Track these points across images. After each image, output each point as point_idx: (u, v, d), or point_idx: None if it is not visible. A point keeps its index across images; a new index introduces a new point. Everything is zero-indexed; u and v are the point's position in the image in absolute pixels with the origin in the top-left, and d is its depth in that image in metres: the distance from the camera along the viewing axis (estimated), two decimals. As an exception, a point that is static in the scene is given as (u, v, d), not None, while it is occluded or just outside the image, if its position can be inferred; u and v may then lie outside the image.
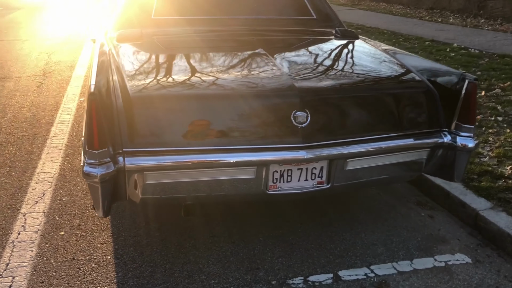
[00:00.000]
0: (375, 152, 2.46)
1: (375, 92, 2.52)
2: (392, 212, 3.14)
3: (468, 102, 2.53)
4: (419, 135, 2.57)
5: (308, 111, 2.30)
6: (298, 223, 2.97)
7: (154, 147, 2.21)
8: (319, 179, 2.44)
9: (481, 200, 3.03)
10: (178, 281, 2.42)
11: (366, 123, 2.47)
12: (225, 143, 2.26)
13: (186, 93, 2.28)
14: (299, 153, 2.29)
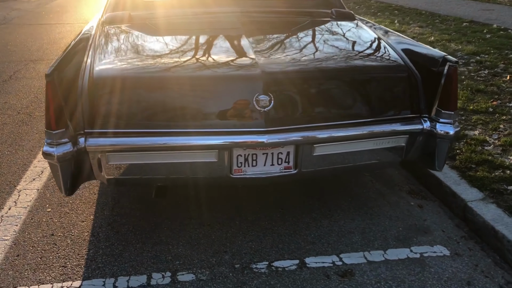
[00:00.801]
0: (345, 138, 2.38)
1: (350, 76, 2.41)
2: (380, 200, 3.05)
3: (448, 86, 2.39)
4: (395, 121, 2.46)
5: (271, 95, 2.25)
6: (278, 208, 2.94)
7: (116, 129, 2.24)
8: (286, 164, 2.40)
9: (473, 190, 2.88)
10: (144, 261, 2.47)
11: (337, 107, 2.39)
12: (187, 126, 2.26)
13: (149, 75, 2.29)
14: (260, 137, 2.25)
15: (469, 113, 4.01)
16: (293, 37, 2.84)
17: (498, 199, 2.76)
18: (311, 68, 2.39)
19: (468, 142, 3.41)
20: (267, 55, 2.47)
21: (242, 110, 2.27)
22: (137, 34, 2.83)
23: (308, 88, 2.34)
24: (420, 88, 2.49)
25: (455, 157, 3.27)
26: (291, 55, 2.49)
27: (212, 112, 2.27)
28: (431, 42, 6.54)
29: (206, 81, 2.28)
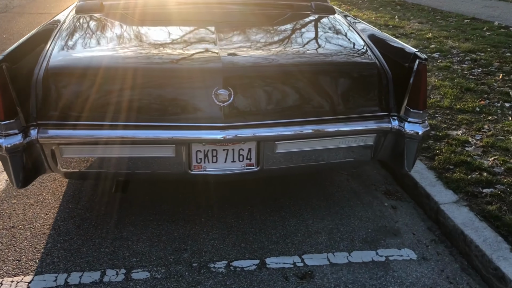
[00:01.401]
0: (308, 136, 2.30)
1: (316, 72, 2.32)
2: (353, 199, 2.96)
3: (417, 84, 2.30)
4: (363, 119, 2.37)
5: (231, 89, 2.18)
6: (248, 205, 2.87)
7: (70, 121, 2.18)
8: (248, 161, 2.33)
9: (448, 192, 2.79)
10: (100, 256, 2.41)
11: (301, 104, 2.30)
12: (144, 119, 2.19)
13: (106, 66, 2.21)
14: (218, 133, 2.18)
15: (455, 112, 3.91)
16: (264, 30, 2.75)
17: (471, 202, 2.67)
18: (276, 62, 2.30)
19: (449, 142, 3.31)
20: (232, 48, 2.38)
21: (200, 104, 2.19)
22: (104, 24, 2.76)
23: (271, 83, 2.26)
24: (390, 85, 2.40)
25: (434, 157, 3.18)
26: (258, 49, 2.41)
27: (170, 106, 2.19)
28: (429, 39, 6.41)
29: (165, 73, 2.21)
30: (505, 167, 2.96)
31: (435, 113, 3.88)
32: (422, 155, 3.23)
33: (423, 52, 2.19)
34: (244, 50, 2.37)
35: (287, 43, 2.52)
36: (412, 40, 6.39)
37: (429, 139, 3.44)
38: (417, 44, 6.15)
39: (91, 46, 2.42)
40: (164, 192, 2.96)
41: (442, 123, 3.68)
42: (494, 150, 3.21)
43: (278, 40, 2.59)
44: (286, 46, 2.47)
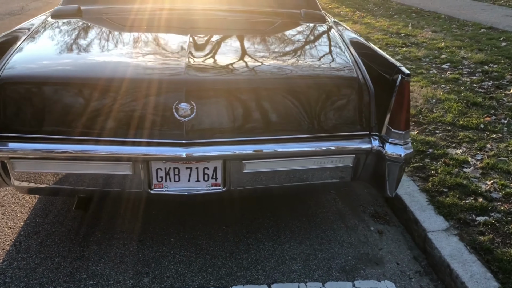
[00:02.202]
0: (278, 155, 2.12)
1: (289, 87, 2.13)
2: (337, 222, 2.76)
3: (399, 102, 2.10)
4: (340, 138, 2.19)
5: (194, 103, 2.02)
6: (223, 225, 2.69)
7: (23, 133, 2.04)
8: (214, 181, 2.16)
9: (438, 219, 2.56)
10: (55, 278, 2.26)
11: (272, 121, 2.12)
12: (100, 133, 2.04)
13: (61, 77, 2.07)
14: (179, 150, 2.02)
15: (458, 128, 3.66)
16: (242, 40, 2.58)
17: (462, 231, 2.44)
18: (245, 76, 2.13)
19: (447, 162, 3.08)
20: (201, 59, 2.22)
21: (160, 119, 2.04)
22: (74, 31, 2.63)
23: (239, 98, 2.09)
24: (372, 102, 2.20)
25: (428, 178, 2.95)
26: (228, 61, 2.24)
27: (128, 120, 2.04)
28: (440, 48, 6.15)
29: (123, 83, 2.05)
30: (504, 193, 2.72)
31: (436, 129, 3.65)
32: (416, 176, 3.01)
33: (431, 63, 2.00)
34: (214, 62, 2.21)
35: (263, 56, 2.34)
36: (423, 49, 6.14)
37: (426, 158, 3.21)
38: (427, 54, 5.89)
39: (53, 55, 2.29)
40: (136, 208, 2.80)
41: (442, 140, 3.44)
42: (494, 173, 2.96)
43: (253, 51, 2.41)
44: (261, 59, 2.29)
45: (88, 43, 2.43)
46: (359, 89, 2.19)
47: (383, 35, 7.11)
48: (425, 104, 4.14)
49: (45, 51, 2.34)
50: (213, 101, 2.05)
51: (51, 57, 2.25)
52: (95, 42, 2.44)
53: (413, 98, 4.29)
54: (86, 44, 2.42)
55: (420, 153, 3.26)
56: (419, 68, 5.30)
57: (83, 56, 2.26)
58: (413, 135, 3.51)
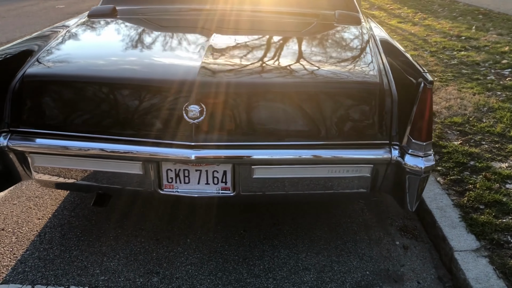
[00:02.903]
0: (289, 161, 2.05)
1: (305, 91, 2.05)
2: (361, 233, 2.64)
3: (420, 111, 1.96)
4: (357, 146, 2.08)
5: (204, 106, 1.99)
6: (241, 229, 2.65)
7: (41, 129, 2.12)
8: (223, 185, 2.13)
9: (469, 237, 2.38)
10: (70, 271, 2.33)
11: (283, 126, 2.05)
12: (114, 132, 2.07)
13: (79, 77, 2.11)
14: (188, 152, 2.01)
15: (507, 140, 3.39)
16: (266, 43, 2.52)
17: (494, 252, 2.24)
18: (258, 79, 2.07)
19: (488, 177, 2.85)
20: (218, 60, 2.19)
21: (171, 120, 2.03)
22: (105, 31, 2.69)
23: (250, 101, 2.03)
24: (395, 110, 2.07)
25: (464, 193, 2.75)
26: (245, 63, 2.19)
27: (140, 120, 2.05)
28: (503, 53, 5.75)
29: (137, 84, 2.06)
30: (547, 213, 2.48)
31: (482, 139, 3.40)
32: (452, 189, 2.82)
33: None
34: (230, 63, 2.17)
35: (283, 59, 2.26)
36: (483, 53, 5.76)
37: (466, 171, 2.99)
38: (487, 58, 5.53)
39: (78, 54, 2.35)
40: (158, 207, 2.82)
41: (487, 152, 3.20)
42: (539, 191, 2.71)
43: (274, 54, 2.35)
44: (279, 62, 2.22)
45: (113, 43, 2.48)
46: (381, 95, 2.07)
47: (442, 38, 6.76)
48: (474, 112, 3.88)
49: (72, 50, 2.41)
50: (223, 104, 2.01)
51: (75, 56, 2.32)
52: (119, 42, 2.49)
53: (462, 105, 4.04)
54: (110, 44, 2.47)
55: (460, 165, 3.05)
56: (475, 74, 4.98)
57: (103, 55, 2.30)
58: (456, 146, 3.30)
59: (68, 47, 2.43)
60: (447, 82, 4.71)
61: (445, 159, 3.15)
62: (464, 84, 4.61)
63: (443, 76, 4.93)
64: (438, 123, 3.74)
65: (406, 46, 6.45)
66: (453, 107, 4.00)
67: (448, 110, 3.97)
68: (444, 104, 4.10)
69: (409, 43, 6.64)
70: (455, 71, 5.09)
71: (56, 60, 2.27)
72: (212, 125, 2.01)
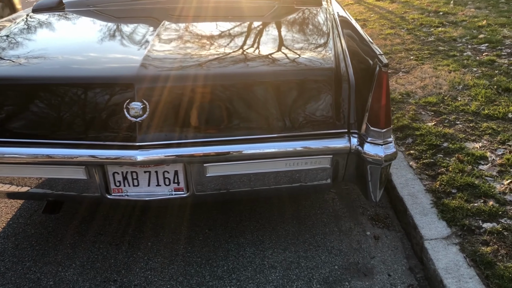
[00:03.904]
0: (243, 157, 1.94)
1: (255, 80, 1.93)
2: (330, 225, 2.54)
3: (377, 96, 1.85)
4: (314, 137, 1.97)
5: (146, 102, 1.87)
6: (206, 228, 2.55)
7: None
8: (176, 185, 2.01)
9: (440, 224, 2.29)
10: (21, 284, 2.21)
11: (235, 120, 1.94)
12: (53, 136, 1.94)
13: (12, 78, 1.97)
14: (132, 153, 1.89)
15: (481, 118, 3.30)
16: (219, 29, 2.39)
17: (465, 239, 2.16)
18: (206, 70, 1.94)
19: (460, 159, 2.76)
20: (164, 52, 2.06)
21: (113, 120, 1.91)
22: (47, 26, 2.53)
23: (196, 95, 1.91)
24: (352, 96, 1.97)
25: (436, 177, 2.66)
26: (191, 52, 2.06)
27: (79, 121, 1.92)
28: (480, 27, 5.64)
29: (74, 82, 1.92)
30: (520, 195, 2.40)
31: (456, 119, 3.31)
32: (424, 174, 2.73)
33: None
34: (175, 55, 2.03)
35: (234, 47, 2.13)
36: (460, 28, 5.66)
37: (439, 153, 2.90)
38: (464, 33, 5.42)
39: (9, 54, 2.20)
40: (119, 210, 2.70)
41: (461, 132, 3.11)
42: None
43: (225, 42, 2.21)
44: (229, 51, 2.09)
45: (53, 39, 2.34)
46: (338, 81, 1.96)
47: (419, 14, 6.65)
48: (449, 91, 3.79)
49: (4, 48, 2.25)
50: (168, 100, 1.88)
51: (5, 55, 2.16)
52: (59, 37, 2.34)
53: (437, 84, 3.94)
54: (49, 40, 2.33)
55: (433, 148, 2.96)
56: (452, 50, 4.88)
57: (38, 53, 2.14)
58: (429, 127, 3.20)
59: (2, 46, 2.27)
60: (423, 61, 4.62)
61: (418, 142, 3.06)
62: (440, 62, 4.52)
63: (419, 55, 4.84)
64: (412, 104, 3.65)
65: (383, 24, 6.33)
66: (428, 87, 3.90)
67: (423, 89, 3.87)
68: (419, 83, 4.00)
69: (386, 21, 6.52)
70: (432, 49, 5.00)
71: None
72: (157, 122, 1.89)
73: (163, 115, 1.89)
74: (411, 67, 4.49)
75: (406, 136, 3.13)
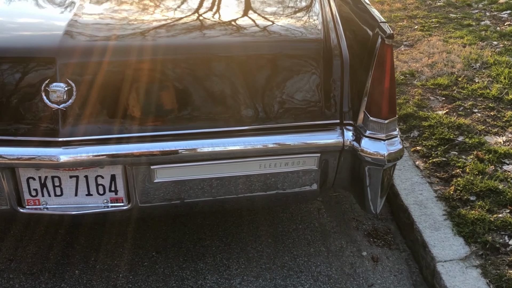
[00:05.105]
0: (202, 156, 1.93)
1: (218, 56, 1.95)
2: (316, 245, 2.57)
3: (378, 76, 1.88)
4: (296, 130, 1.99)
5: (72, 84, 1.84)
6: (152, 251, 2.53)
7: None
8: (113, 195, 2.00)
9: (456, 241, 2.36)
10: None
11: (191, 108, 1.94)
12: None
13: None
14: (51, 151, 1.85)
15: (505, 105, 3.42)
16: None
17: (488, 260, 2.21)
18: (151, 40, 1.96)
19: (480, 156, 2.83)
20: (95, 16, 2.05)
21: (25, 107, 1.90)
22: None
23: (140, 74, 1.90)
24: (346, 77, 2.00)
25: (450, 181, 2.72)
26: (134, 18, 2.05)
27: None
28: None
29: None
30: (555, 203, 2.46)
31: (474, 106, 3.40)
32: (435, 176, 2.79)
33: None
34: (110, 20, 2.04)
35: (188, 10, 2.17)
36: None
37: (453, 150, 2.95)
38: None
39: None
40: (37, 226, 2.63)
41: (480, 123, 3.19)
42: (546, 171, 2.70)
43: (176, 4, 2.20)
44: (183, 15, 2.13)
45: None
46: (327, 57, 1.99)
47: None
48: (464, 70, 3.91)
49: None
50: (100, 80, 1.86)
51: None
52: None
53: (449, 61, 4.05)
54: None
55: (445, 143, 3.05)
56: (466, 18, 5.04)
57: None
58: (440, 116, 3.28)
59: None
60: (431, 31, 4.73)
61: (426, 135, 3.14)
62: (451, 33, 4.64)
63: (426, 23, 4.97)
64: (418, 86, 3.73)
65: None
66: (438, 65, 4.00)
67: (431, 68, 3.96)
68: (426, 61, 4.10)
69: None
70: (441, 16, 5.13)
71: None
72: (87, 111, 1.88)
73: (95, 101, 1.87)
74: (415, 40, 4.58)
75: (411, 128, 3.18)
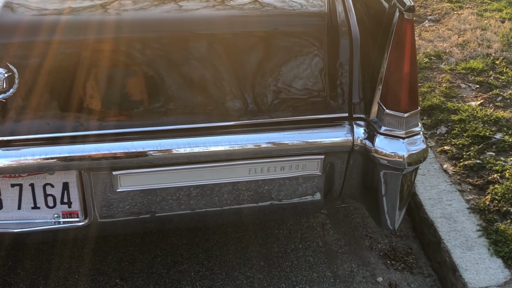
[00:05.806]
0: (181, 159, 1.98)
1: (197, 33, 2.03)
2: (320, 269, 2.63)
3: (396, 59, 1.90)
4: (295, 125, 2.05)
5: (14, 69, 1.90)
6: (116, 278, 2.56)
7: None
8: (66, 208, 2.04)
9: (494, 264, 2.44)
10: None
11: (167, 98, 2.01)
12: None
13: None
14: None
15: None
16: None
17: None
18: (112, 14, 2.05)
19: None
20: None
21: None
22: None
23: (99, 56, 1.97)
24: (356, 60, 2.05)
25: (486, 188, 2.76)
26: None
27: None
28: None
29: None
30: None
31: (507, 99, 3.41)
32: (467, 182, 2.83)
33: None
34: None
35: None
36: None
37: (489, 150, 2.98)
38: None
39: None
40: None
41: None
42: None
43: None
44: None
45: None
46: (331, 35, 2.05)
47: None
48: (503, 51, 3.97)
49: None
50: (50, 64, 1.91)
51: None
52: None
53: (484, 40, 4.11)
54: None
55: (480, 141, 3.09)
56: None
57: None
58: (473, 108, 3.32)
59: None
60: (461, 2, 4.77)
61: (456, 132, 3.18)
62: (487, 5, 4.69)
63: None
64: (446, 71, 3.79)
65: None
66: (470, 44, 4.06)
67: (462, 49, 4.02)
68: (456, 39, 4.15)
69: None
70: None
71: None
72: (33, 102, 1.94)
73: (43, 90, 1.93)
74: (442, 13, 4.63)
75: (438, 123, 3.23)
